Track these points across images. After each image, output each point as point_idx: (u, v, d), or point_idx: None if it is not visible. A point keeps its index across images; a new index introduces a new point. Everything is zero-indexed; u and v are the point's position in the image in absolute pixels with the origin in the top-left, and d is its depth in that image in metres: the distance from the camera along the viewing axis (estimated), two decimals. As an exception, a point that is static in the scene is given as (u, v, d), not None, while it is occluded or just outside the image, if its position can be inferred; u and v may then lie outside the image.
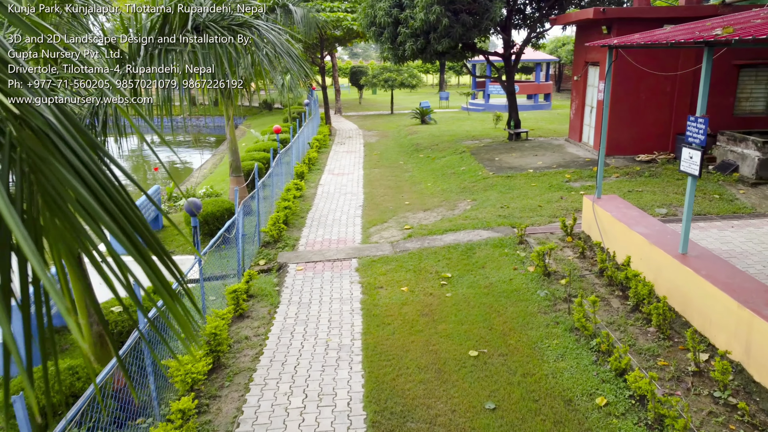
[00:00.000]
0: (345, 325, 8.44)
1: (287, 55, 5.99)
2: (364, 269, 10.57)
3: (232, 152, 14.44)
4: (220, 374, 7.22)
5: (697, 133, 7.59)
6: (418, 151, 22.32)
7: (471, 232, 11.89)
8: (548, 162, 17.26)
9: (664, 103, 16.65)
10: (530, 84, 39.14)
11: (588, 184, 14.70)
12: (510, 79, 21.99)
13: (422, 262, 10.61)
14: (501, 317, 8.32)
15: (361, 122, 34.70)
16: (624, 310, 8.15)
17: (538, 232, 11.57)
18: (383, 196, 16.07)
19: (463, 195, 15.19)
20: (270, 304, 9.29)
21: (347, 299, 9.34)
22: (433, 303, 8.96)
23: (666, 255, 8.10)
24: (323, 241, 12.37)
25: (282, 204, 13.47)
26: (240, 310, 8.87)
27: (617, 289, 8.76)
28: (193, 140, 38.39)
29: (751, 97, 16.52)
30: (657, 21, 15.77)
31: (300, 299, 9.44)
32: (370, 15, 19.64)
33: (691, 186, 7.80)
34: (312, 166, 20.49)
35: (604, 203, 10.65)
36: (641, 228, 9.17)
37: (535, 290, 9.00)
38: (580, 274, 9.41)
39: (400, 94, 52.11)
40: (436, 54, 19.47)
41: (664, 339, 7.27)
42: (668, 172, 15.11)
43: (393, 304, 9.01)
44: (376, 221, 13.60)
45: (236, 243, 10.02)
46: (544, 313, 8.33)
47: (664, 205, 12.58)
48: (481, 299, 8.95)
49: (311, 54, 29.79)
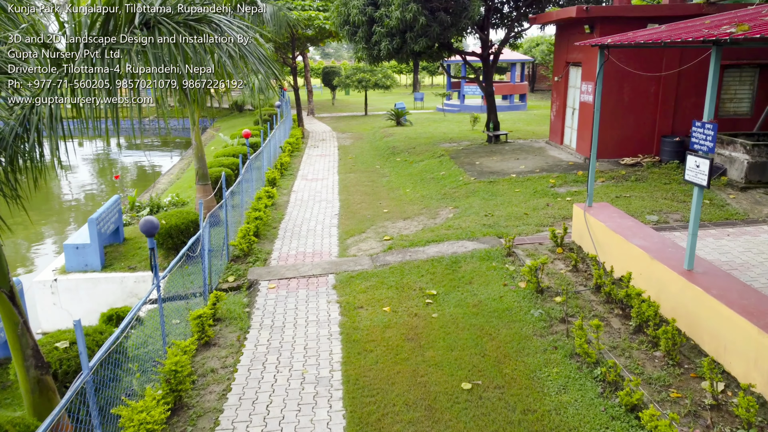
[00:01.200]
0: (323, 352, 7.65)
1: (253, 56, 5.17)
2: (342, 286, 9.78)
3: (198, 159, 13.51)
4: (182, 417, 6.36)
5: (704, 140, 6.98)
6: (395, 155, 21.58)
7: (455, 243, 11.18)
8: (531, 166, 16.67)
9: (648, 105, 16.19)
10: (505, 84, 38.73)
11: (574, 189, 14.12)
12: (488, 79, 21.39)
13: (404, 278, 9.86)
14: (494, 341, 7.61)
15: (335, 124, 33.86)
16: (626, 332, 7.51)
17: (526, 242, 10.92)
18: (360, 203, 15.29)
19: (444, 202, 14.49)
20: (239, 329, 8.44)
21: (324, 322, 8.55)
22: (418, 325, 8.22)
23: (670, 271, 7.48)
24: (297, 255, 11.54)
25: (253, 214, 12.59)
26: (205, 337, 8.01)
27: (616, 307, 8.13)
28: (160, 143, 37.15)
29: (735, 98, 16.15)
30: (641, 20, 15.30)
31: (272, 322, 8.61)
32: (344, 13, 18.83)
33: (698, 197, 7.18)
34: (284, 171, 19.59)
35: (596, 212, 10.04)
36: (639, 240, 8.56)
37: (529, 309, 8.32)
38: (575, 290, 8.76)
39: (374, 94, 51.34)
40: (413, 54, 18.75)
41: (674, 365, 6.64)
42: (655, 176, 14.62)
43: (375, 326, 8.24)
44: (353, 231, 12.82)
45: (202, 261, 9.15)
46: (540, 335, 7.65)
47: (654, 211, 12.05)
48: (471, 320, 8.23)
49: (282, 54, 28.85)
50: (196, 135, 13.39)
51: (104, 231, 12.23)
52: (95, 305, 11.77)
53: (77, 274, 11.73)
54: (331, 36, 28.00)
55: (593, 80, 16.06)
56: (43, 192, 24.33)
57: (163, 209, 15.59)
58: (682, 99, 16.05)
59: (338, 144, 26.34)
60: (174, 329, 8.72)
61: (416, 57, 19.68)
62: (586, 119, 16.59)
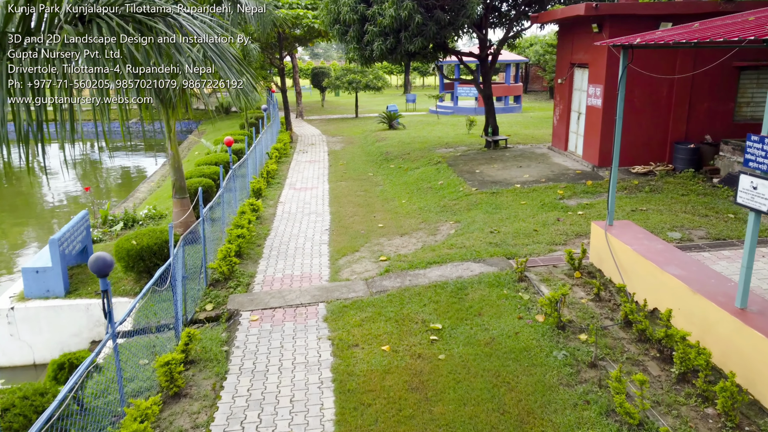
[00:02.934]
0: (312, 407, 6.49)
1: (221, 59, 4.00)
2: (334, 318, 8.62)
3: (174, 170, 12.29)
4: (139, 501, 5.18)
5: (764, 158, 5.90)
6: (388, 161, 20.44)
7: (459, 265, 10.06)
8: (535, 175, 15.59)
9: (659, 109, 15.17)
10: (500, 86, 37.67)
11: (585, 201, 13.05)
12: (487, 81, 20.31)
13: (405, 308, 8.73)
14: (513, 392, 6.49)
15: (325, 127, 32.67)
16: (668, 380, 6.42)
17: (539, 264, 9.82)
18: (353, 216, 14.13)
19: (444, 215, 13.37)
20: (215, 374, 7.27)
21: (314, 365, 7.39)
22: (423, 369, 7.08)
23: (718, 309, 6.40)
24: (284, 278, 10.37)
25: (235, 232, 11.40)
26: (175, 387, 6.83)
27: (652, 348, 7.04)
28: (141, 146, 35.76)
29: (752, 102, 15.16)
30: (653, 18, 14.27)
31: (254, 365, 7.44)
32: (334, 11, 17.66)
33: (754, 224, 6.10)
34: (271, 180, 18.39)
35: (618, 232, 8.96)
36: (675, 269, 7.48)
37: (551, 350, 7.21)
38: (602, 325, 7.66)
39: (365, 96, 50.11)
40: (407, 54, 17.62)
41: (733, 428, 5.55)
42: (670, 186, 13.58)
43: (373, 371, 7.10)
44: (345, 250, 11.66)
45: (173, 294, 7.95)
46: (567, 385, 6.53)
47: (675, 227, 11.00)
48: (484, 363, 7.11)
49: (270, 54, 27.62)
50: (172, 144, 12.16)
51: (69, 252, 11.01)
52: (58, 335, 10.55)
53: (37, 301, 10.49)
54: (321, 36, 26.80)
55: (601, 83, 15.02)
56: (24, 197, 22.97)
57: (138, 223, 14.36)
58: (696, 103, 15.04)
59: (328, 149, 25.17)
60: (141, 372, 7.55)
61: (410, 58, 18.56)
62: (594, 125, 15.54)
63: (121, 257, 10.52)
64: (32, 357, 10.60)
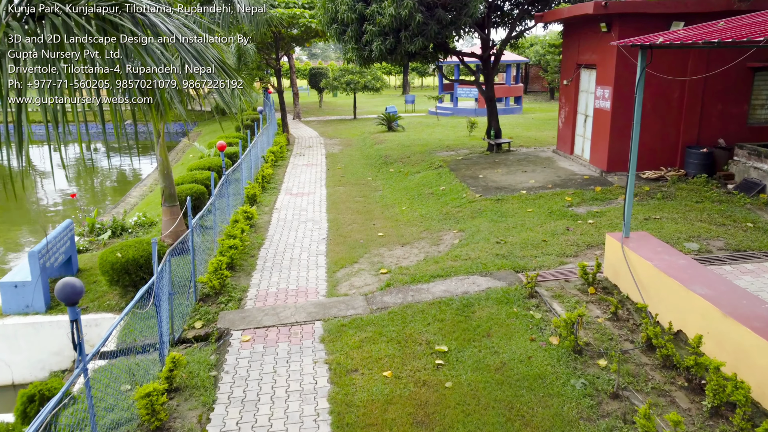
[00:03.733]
0: (307, 444, 5.90)
1: (197, 60, 3.38)
2: (331, 339, 8.01)
3: (164, 177, 11.67)
4: None
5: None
6: (388, 165, 19.83)
7: (465, 279, 9.46)
8: (541, 180, 14.99)
9: (670, 112, 14.58)
10: (501, 86, 37.06)
11: (594, 209, 12.45)
12: (489, 82, 19.71)
13: (407, 327, 8.12)
14: (529, 428, 5.89)
15: (322, 128, 32.06)
16: (698, 413, 5.83)
17: (550, 278, 9.22)
18: (351, 224, 13.52)
19: (447, 223, 12.77)
20: (202, 404, 6.66)
21: (309, 393, 6.78)
22: (428, 399, 6.48)
23: (755, 336, 5.81)
24: (278, 293, 9.76)
25: (227, 242, 10.79)
26: (156, 421, 6.22)
27: (679, 377, 6.44)
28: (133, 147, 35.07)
29: (767, 105, 14.58)
30: (664, 17, 13.70)
31: (245, 394, 6.84)
32: (331, 10, 17.04)
33: (797, 243, 5.51)
34: (267, 185, 17.77)
35: (636, 245, 8.36)
36: (701, 288, 6.89)
37: (568, 377, 6.61)
38: (622, 348, 7.07)
39: (363, 97, 49.45)
40: (407, 55, 17.02)
41: (777, 473, 4.95)
42: (683, 192, 12.99)
43: (373, 401, 6.49)
44: (344, 261, 11.05)
45: (157, 314, 7.34)
46: (588, 419, 5.93)
47: (692, 237, 10.41)
48: (495, 392, 6.51)
49: (266, 55, 27.00)
50: (161, 149, 11.54)
51: (51, 264, 10.38)
52: (38, 354, 9.93)
53: (16, 318, 9.87)
54: (318, 36, 26.18)
55: (610, 84, 14.43)
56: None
57: (128, 231, 13.74)
58: (709, 105, 14.46)
59: (326, 151, 24.56)
60: (122, 400, 6.94)
61: (410, 58, 17.97)
62: (602, 128, 14.95)
63: (105, 270, 9.91)
64: (11, 377, 9.98)
